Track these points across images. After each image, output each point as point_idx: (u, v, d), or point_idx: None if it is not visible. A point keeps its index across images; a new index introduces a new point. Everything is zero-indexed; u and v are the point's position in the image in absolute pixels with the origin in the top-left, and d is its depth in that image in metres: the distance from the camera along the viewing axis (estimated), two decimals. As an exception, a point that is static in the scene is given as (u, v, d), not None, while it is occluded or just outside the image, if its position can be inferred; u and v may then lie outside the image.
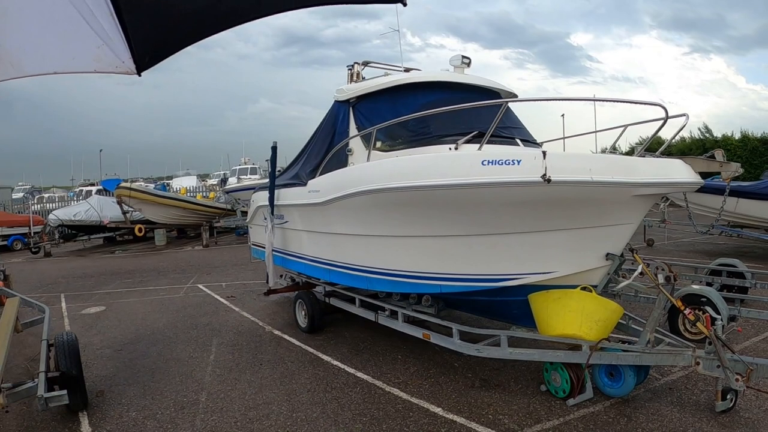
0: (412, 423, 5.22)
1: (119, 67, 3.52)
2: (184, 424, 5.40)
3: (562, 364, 5.52)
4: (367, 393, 5.99)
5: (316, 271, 8.05)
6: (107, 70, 3.55)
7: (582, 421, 5.10)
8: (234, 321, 9.40)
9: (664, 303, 5.27)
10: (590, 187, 4.79)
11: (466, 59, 7.43)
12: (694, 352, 5.02)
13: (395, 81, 7.20)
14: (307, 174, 7.74)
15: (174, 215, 23.10)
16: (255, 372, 6.77)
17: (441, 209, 5.54)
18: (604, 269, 5.41)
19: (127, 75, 3.57)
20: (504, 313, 6.44)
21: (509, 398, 5.68)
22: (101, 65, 3.52)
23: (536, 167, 4.78)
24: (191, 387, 6.37)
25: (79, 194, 36.59)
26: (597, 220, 5.16)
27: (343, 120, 7.58)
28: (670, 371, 6.17)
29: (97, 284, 13.86)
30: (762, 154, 27.28)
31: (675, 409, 5.26)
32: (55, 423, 5.55)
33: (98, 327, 9.34)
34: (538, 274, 5.47)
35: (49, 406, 4.91)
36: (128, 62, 3.52)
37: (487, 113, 6.02)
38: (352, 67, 8.24)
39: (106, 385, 6.52)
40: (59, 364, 5.54)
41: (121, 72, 3.55)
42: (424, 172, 5.42)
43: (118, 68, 3.52)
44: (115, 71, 3.54)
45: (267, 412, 5.59)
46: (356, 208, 6.39)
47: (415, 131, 6.55)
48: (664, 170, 4.90)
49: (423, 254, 6.05)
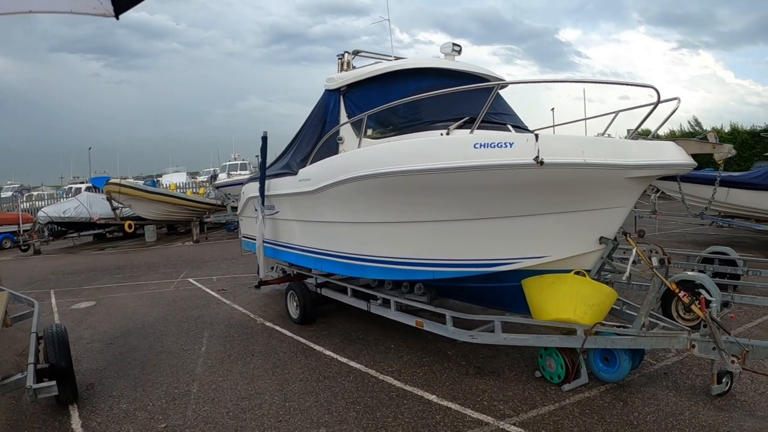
0: (406, 410, 5.17)
1: (96, 9, 3.38)
2: (176, 415, 5.34)
3: (557, 350, 5.48)
4: (360, 382, 5.94)
5: (308, 260, 7.98)
6: (84, 11, 3.42)
7: (578, 406, 5.07)
8: (225, 313, 9.32)
9: (658, 286, 5.24)
10: (583, 169, 4.76)
11: (457, 47, 7.37)
12: (689, 335, 4.99)
13: (386, 68, 7.14)
14: (297, 163, 7.67)
15: (164, 211, 22.93)
16: (247, 363, 6.70)
17: (433, 194, 5.49)
18: (598, 253, 5.37)
19: (105, 17, 3.42)
20: (497, 301, 6.40)
21: (504, 385, 5.64)
22: (78, 5, 3.41)
23: (529, 150, 4.74)
24: (182, 378, 6.30)
25: (69, 191, 36.31)
26: (590, 203, 5.12)
27: (334, 109, 7.51)
28: (665, 357, 6.15)
29: (87, 280, 13.73)
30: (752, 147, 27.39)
31: (671, 393, 5.23)
32: (45, 416, 5.46)
33: (88, 321, 9.24)
34: (531, 258, 5.42)
35: (38, 397, 4.83)
36: (106, 3, 3.39)
37: (478, 99, 5.97)
38: (342, 56, 8.17)
39: (97, 378, 6.44)
40: (48, 356, 5.46)
41: (99, 14, 3.41)
42: (415, 156, 5.37)
43: (95, 10, 3.38)
44: (92, 12, 3.40)
45: (259, 402, 5.53)
46: (347, 195, 6.33)
47: (406, 117, 6.49)
48: (657, 152, 4.87)
49: (415, 240, 6.00)
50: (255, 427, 5.00)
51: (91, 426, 5.19)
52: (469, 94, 6.31)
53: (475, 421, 4.89)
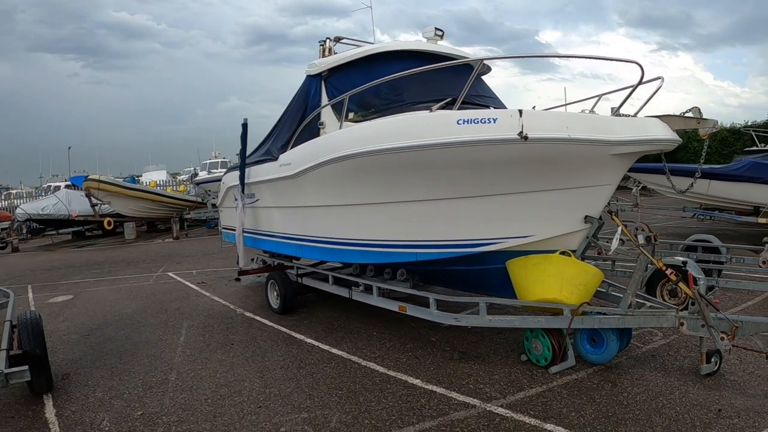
0: (390, 395, 5.06)
1: None
2: (152, 403, 5.21)
3: (543, 331, 5.39)
4: (342, 368, 5.83)
5: (289, 248, 7.86)
6: None
7: (566, 387, 4.99)
8: (205, 305, 9.17)
9: (645, 264, 5.17)
10: (568, 144, 4.68)
11: (440, 31, 7.27)
12: (677, 313, 4.91)
13: (368, 50, 7.04)
14: (278, 149, 7.53)
15: (144, 208, 22.63)
16: (226, 352, 6.57)
17: (416, 172, 5.38)
18: (583, 232, 5.30)
19: None
20: (482, 284, 6.29)
21: (489, 369, 5.54)
22: None
23: (513, 125, 4.65)
24: (160, 367, 6.15)
25: (47, 190, 35.90)
26: (574, 180, 5.05)
27: (315, 94, 7.38)
28: (651, 340, 6.10)
29: (64, 275, 13.50)
30: (731, 144, 27.55)
31: (659, 374, 5.17)
32: (18, 406, 5.31)
33: (65, 314, 9.05)
34: (516, 238, 5.33)
35: (9, 383, 4.70)
36: None
37: (460, 81, 5.87)
38: (324, 42, 8.04)
39: (72, 368, 6.29)
40: (22, 343, 5.34)
41: None
42: (398, 134, 5.26)
43: None
44: None
45: (239, 389, 5.40)
46: (329, 177, 6.21)
47: (388, 99, 6.39)
48: (641, 128, 4.83)
49: (398, 221, 5.89)
50: (234, 413, 4.88)
51: (65, 414, 5.05)
52: (451, 76, 6.23)
53: (461, 403, 4.79)
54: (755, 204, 12.63)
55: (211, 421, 4.74)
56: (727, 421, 4.24)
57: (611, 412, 4.47)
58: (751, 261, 7.85)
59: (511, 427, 4.32)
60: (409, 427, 4.43)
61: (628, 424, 4.28)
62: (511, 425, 4.35)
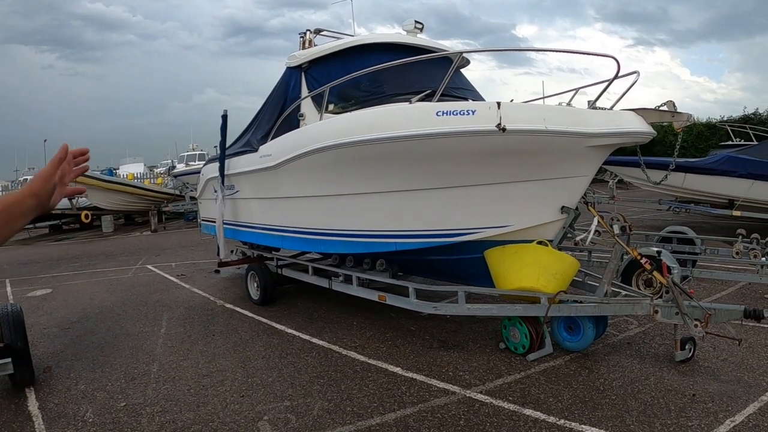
0: (371, 382, 5.13)
1: None
2: (135, 394, 5.21)
3: (521, 319, 5.48)
4: (323, 357, 5.88)
5: (269, 239, 7.88)
6: None
7: (543, 374, 5.09)
8: (185, 297, 9.16)
9: (620, 253, 5.28)
10: (544, 136, 4.77)
11: (419, 24, 7.34)
12: (651, 301, 5.02)
13: (348, 42, 7.09)
14: (258, 140, 7.55)
15: (121, 200, 22.48)
16: (207, 343, 6.59)
17: (395, 163, 5.44)
18: (560, 223, 5.41)
19: None
20: (460, 274, 6.37)
21: (468, 357, 5.63)
22: None
23: (491, 117, 4.73)
24: (142, 359, 6.15)
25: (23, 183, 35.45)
26: (552, 171, 5.14)
27: (295, 86, 7.41)
28: (627, 328, 6.22)
29: (43, 269, 13.37)
30: (707, 139, 27.94)
31: (635, 361, 5.28)
32: (0, 399, 5.28)
33: (45, 308, 8.99)
34: (494, 228, 5.42)
35: (-8, 375, 4.68)
36: None
37: (439, 74, 5.94)
38: (304, 34, 8.06)
39: (54, 361, 6.26)
40: (3, 336, 5.31)
41: None
42: (378, 125, 5.32)
43: None
44: None
45: (221, 379, 5.43)
46: (309, 168, 6.25)
47: (368, 91, 6.44)
48: (617, 121, 4.93)
49: (378, 212, 5.95)
50: (217, 402, 4.90)
51: (48, 407, 5.03)
52: (430, 69, 6.30)
53: (441, 390, 4.86)
54: (730, 197, 12.83)
55: (195, 411, 4.76)
56: (701, 405, 4.35)
57: (588, 398, 4.57)
58: (724, 252, 7.99)
59: (490, 413, 4.40)
60: (390, 413, 4.49)
61: (605, 408, 4.38)
62: (491, 410, 4.44)
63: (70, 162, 1.61)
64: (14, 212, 1.43)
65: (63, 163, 1.56)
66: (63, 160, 1.56)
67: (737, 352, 5.37)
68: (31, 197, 1.47)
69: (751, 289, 7.71)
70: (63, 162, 1.56)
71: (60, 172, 1.55)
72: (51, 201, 1.55)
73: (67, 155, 1.57)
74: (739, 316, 4.87)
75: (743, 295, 7.53)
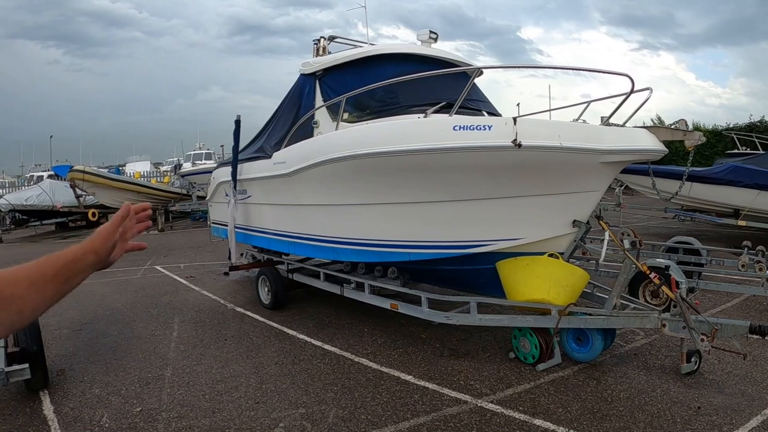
0: (384, 390, 5.21)
1: None
2: (151, 399, 5.27)
3: (531, 330, 5.57)
4: (336, 364, 5.96)
5: (281, 244, 7.96)
6: None
7: (552, 384, 5.17)
8: (195, 299, 9.26)
9: (629, 267, 5.36)
10: (559, 152, 4.85)
11: (434, 34, 7.42)
12: (659, 315, 5.11)
13: (363, 53, 7.17)
14: (272, 147, 7.62)
15: (128, 199, 22.51)
16: (220, 347, 6.67)
17: (411, 176, 5.53)
18: (571, 236, 5.49)
19: None
20: (471, 283, 6.47)
21: (479, 366, 5.72)
22: None
23: (507, 132, 4.81)
24: (155, 363, 6.23)
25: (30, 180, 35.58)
26: (565, 186, 5.22)
27: (309, 93, 7.49)
28: (634, 339, 6.30)
29: (50, 268, 13.45)
30: (713, 146, 27.85)
31: (642, 373, 5.37)
32: (15, 403, 5.33)
33: (55, 309, 8.82)
34: (507, 240, 5.50)
35: (9, 381, 4.75)
36: None
37: (454, 85, 6.04)
38: (318, 41, 8.14)
39: (67, 363, 6.33)
40: (19, 340, 5.34)
41: None
42: (394, 137, 5.40)
43: None
44: None
45: (236, 385, 5.51)
46: (324, 177, 6.32)
47: (383, 102, 6.52)
48: (630, 138, 5.00)
49: (392, 222, 6.03)
50: (233, 408, 4.98)
51: (63, 411, 5.08)
52: (445, 80, 6.39)
53: (453, 399, 4.95)
54: (735, 207, 12.89)
55: (211, 417, 4.84)
56: (706, 418, 4.43)
57: (596, 408, 4.66)
58: (730, 263, 8.06)
59: (502, 422, 4.49)
60: (404, 422, 4.57)
61: (612, 419, 4.46)
62: (502, 420, 4.52)
63: (132, 218, 1.63)
64: (73, 269, 1.41)
65: (125, 220, 1.59)
66: (125, 218, 1.58)
67: (742, 365, 5.45)
68: (92, 254, 1.47)
69: (755, 300, 7.76)
70: (125, 219, 1.58)
71: (122, 229, 1.57)
72: (111, 257, 1.55)
73: (129, 213, 1.62)
74: (744, 331, 4.95)
75: (747, 306, 7.61)
